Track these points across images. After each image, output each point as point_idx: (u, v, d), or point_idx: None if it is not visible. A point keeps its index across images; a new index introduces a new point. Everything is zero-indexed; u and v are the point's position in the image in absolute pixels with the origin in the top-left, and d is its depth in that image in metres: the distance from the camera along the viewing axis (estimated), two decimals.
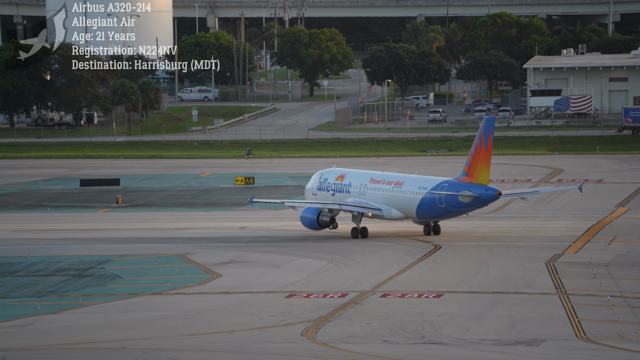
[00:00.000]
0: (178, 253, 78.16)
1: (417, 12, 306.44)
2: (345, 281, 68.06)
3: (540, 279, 67.64)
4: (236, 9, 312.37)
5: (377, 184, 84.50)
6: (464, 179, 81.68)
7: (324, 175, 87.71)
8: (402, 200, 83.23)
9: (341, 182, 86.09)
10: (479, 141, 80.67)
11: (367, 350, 51.90)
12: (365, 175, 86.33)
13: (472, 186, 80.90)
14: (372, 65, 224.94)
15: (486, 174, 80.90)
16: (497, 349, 51.98)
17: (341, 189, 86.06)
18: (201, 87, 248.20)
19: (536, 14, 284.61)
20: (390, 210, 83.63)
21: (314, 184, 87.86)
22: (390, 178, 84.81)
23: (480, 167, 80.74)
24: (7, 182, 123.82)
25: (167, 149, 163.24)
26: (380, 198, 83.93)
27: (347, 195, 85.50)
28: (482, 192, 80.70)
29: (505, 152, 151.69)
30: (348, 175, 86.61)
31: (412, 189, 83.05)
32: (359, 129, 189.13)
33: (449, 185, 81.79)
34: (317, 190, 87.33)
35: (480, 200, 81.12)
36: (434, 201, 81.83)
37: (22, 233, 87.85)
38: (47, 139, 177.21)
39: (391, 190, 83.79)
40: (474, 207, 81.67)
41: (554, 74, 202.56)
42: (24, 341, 54.79)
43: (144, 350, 52.44)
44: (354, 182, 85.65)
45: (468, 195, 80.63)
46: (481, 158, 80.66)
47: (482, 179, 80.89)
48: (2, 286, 67.83)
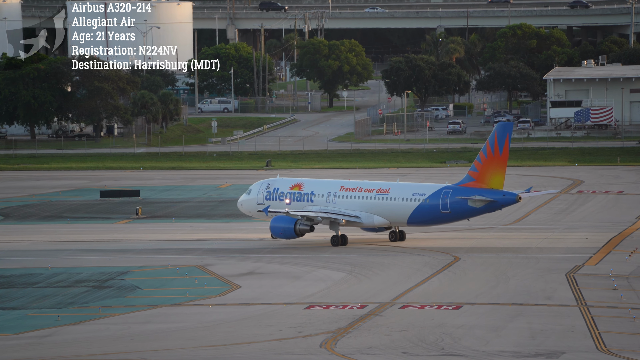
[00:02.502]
0: (197, 264, 78.29)
1: (437, 24, 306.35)
2: (364, 292, 68.01)
3: (561, 290, 67.41)
4: (256, 20, 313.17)
5: (351, 192, 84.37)
6: (470, 184, 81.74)
7: (273, 185, 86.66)
8: (389, 207, 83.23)
9: (300, 192, 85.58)
10: (490, 147, 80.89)
11: None
12: (333, 183, 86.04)
13: (484, 191, 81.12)
14: (391, 76, 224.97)
15: (500, 178, 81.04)
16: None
17: (300, 197, 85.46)
18: (221, 98, 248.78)
19: (556, 25, 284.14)
20: (372, 217, 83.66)
21: (258, 194, 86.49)
22: (369, 186, 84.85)
23: (493, 172, 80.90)
24: (28, 194, 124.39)
25: (187, 160, 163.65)
26: (358, 205, 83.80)
27: (310, 204, 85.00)
28: (499, 196, 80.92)
29: (525, 163, 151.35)
30: (307, 184, 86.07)
31: (404, 195, 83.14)
32: (378, 140, 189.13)
33: (453, 190, 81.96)
34: (264, 200, 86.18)
35: (495, 205, 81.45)
36: (435, 207, 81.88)
37: (42, 244, 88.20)
38: (68, 151, 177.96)
39: (373, 197, 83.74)
40: (484, 212, 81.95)
41: (574, 85, 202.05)
42: (44, 352, 54.99)
43: None
44: (317, 191, 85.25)
45: (481, 199, 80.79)
46: (494, 163, 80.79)
47: (496, 184, 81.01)
48: (23, 297, 68.11)
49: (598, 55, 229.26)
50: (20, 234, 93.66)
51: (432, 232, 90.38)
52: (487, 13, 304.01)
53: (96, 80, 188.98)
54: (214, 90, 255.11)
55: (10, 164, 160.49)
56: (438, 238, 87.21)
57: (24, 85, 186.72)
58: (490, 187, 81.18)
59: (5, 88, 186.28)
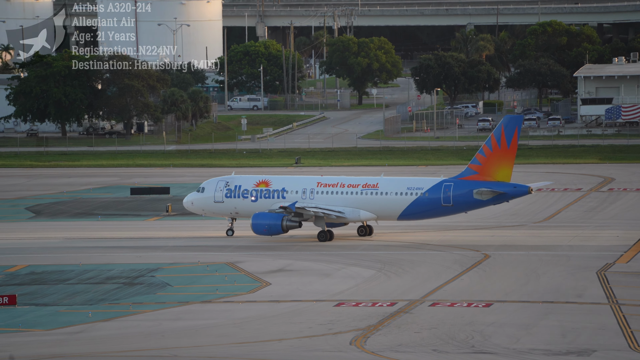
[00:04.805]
0: (227, 261, 78.50)
1: (467, 21, 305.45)
2: (394, 290, 67.97)
3: (592, 288, 67.08)
4: (286, 18, 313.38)
5: (332, 188, 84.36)
6: (473, 177, 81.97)
7: (233, 182, 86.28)
8: (379, 202, 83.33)
9: (268, 188, 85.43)
10: (496, 140, 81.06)
11: (416, 359, 51.78)
12: (306, 180, 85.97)
13: (491, 184, 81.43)
14: (421, 73, 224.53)
15: (508, 171, 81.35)
16: (548, 358, 51.63)
17: (269, 194, 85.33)
18: (250, 96, 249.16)
19: (587, 22, 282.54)
20: (357, 212, 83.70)
21: (216, 192, 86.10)
22: (351, 181, 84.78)
23: (499, 165, 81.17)
24: (59, 191, 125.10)
25: (217, 158, 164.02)
26: (341, 201, 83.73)
27: (282, 200, 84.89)
28: (509, 189, 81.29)
29: (556, 160, 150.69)
30: (275, 180, 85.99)
31: (397, 189, 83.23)
32: (407, 137, 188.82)
33: (455, 184, 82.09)
34: (224, 198, 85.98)
35: (504, 197, 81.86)
36: (435, 200, 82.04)
37: (73, 241, 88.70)
38: (98, 148, 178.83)
39: (359, 192, 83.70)
40: (489, 204, 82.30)
41: (605, 82, 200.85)
42: (76, 349, 55.31)
43: (194, 358, 52.73)
44: (289, 187, 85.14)
45: (488, 192, 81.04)
46: (500, 156, 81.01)
47: (502, 177, 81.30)
48: (55, 294, 68.54)
49: (629, 52, 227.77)
50: (51, 231, 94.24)
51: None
52: (517, 10, 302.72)
53: (126, 77, 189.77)
54: (243, 87, 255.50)
55: (41, 161, 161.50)
56: (463, 235, 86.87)
57: (55, 83, 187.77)
58: (495, 179, 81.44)
59: (37, 86, 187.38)
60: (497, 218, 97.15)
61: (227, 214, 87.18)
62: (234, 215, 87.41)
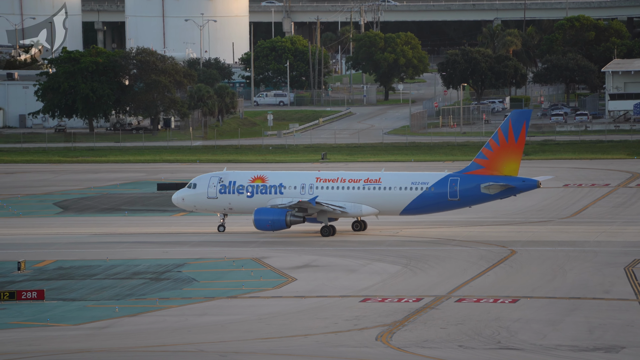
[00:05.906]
0: (253, 257, 78.63)
1: (494, 16, 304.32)
2: (420, 286, 67.89)
3: (619, 284, 66.75)
4: (312, 13, 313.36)
5: (332, 183, 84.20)
6: (479, 171, 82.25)
7: (227, 178, 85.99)
8: (383, 197, 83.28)
9: (264, 184, 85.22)
10: (504, 134, 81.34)
11: (442, 355, 51.71)
12: (304, 175, 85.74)
13: (499, 178, 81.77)
14: (447, 69, 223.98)
15: (515, 166, 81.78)
16: (575, 355, 51.42)
17: (266, 190, 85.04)
18: (277, 91, 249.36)
19: (615, 17, 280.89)
20: (359, 207, 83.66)
21: (209, 188, 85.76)
22: (352, 176, 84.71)
23: (507, 160, 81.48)
24: (87, 186, 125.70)
25: (243, 153, 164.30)
26: (342, 196, 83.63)
27: (280, 196, 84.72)
28: (518, 183, 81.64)
29: (583, 156, 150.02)
30: (272, 176, 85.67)
31: (401, 184, 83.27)
32: (434, 133, 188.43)
33: (461, 178, 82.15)
34: (218, 194, 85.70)
35: (512, 192, 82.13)
36: (442, 195, 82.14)
37: (100, 236, 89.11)
38: (125, 144, 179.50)
39: (361, 187, 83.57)
40: (496, 199, 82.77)
41: (633, 77, 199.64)
42: (103, 343, 55.60)
43: (220, 354, 52.88)
44: (287, 183, 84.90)
45: (496, 186, 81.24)
46: (507, 151, 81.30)
47: (510, 171, 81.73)
48: (82, 289, 68.90)
49: None
50: (78, 226, 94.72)
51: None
52: (544, 5, 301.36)
53: (153, 73, 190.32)
54: (269, 83, 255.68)
55: (69, 156, 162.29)
56: (491, 230, 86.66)
57: (82, 79, 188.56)
58: (502, 174, 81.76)
59: (65, 82, 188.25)
60: (523, 214, 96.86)
61: (220, 210, 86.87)
62: (228, 212, 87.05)
